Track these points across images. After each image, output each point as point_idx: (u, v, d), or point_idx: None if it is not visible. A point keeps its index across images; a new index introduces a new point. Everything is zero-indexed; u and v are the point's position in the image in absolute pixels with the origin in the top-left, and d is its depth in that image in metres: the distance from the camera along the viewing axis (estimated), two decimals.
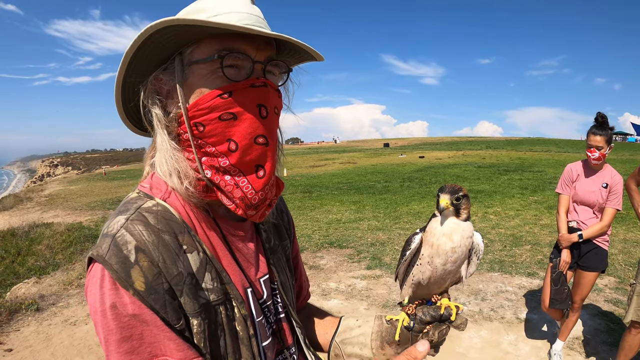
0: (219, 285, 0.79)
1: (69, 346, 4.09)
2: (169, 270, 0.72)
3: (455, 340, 4.00)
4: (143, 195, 0.82)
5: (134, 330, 0.69)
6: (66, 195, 17.88)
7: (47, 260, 7.19)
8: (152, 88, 0.80)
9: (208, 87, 0.77)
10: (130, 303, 0.69)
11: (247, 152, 0.79)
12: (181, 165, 0.79)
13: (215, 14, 0.76)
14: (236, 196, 0.80)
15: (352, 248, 7.15)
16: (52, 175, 66.85)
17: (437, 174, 17.76)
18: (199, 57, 0.77)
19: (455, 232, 0.92)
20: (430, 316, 0.94)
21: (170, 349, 0.71)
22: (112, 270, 0.69)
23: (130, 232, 0.73)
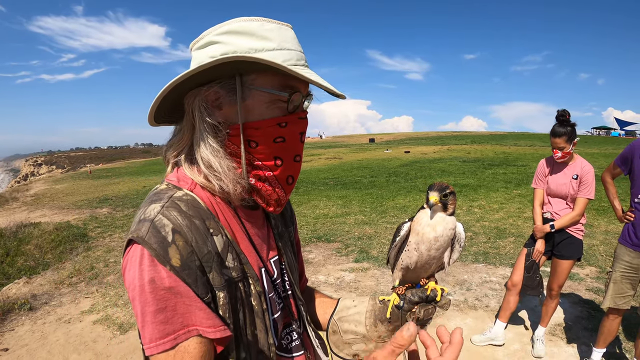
0: (239, 264, 0.92)
1: (65, 344, 4.15)
2: (200, 249, 0.84)
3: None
4: (172, 186, 0.93)
5: (169, 302, 0.79)
6: (52, 195, 17.71)
7: (36, 260, 7.17)
8: (204, 97, 0.92)
9: (269, 114, 0.92)
10: (167, 277, 0.79)
11: (288, 168, 0.97)
12: (236, 175, 0.92)
13: (280, 47, 0.90)
14: (272, 199, 0.97)
15: (340, 242, 7.27)
16: (36, 175, 65.90)
17: (422, 169, 17.95)
18: (264, 85, 0.90)
19: (439, 224, 1.05)
20: (418, 297, 1.07)
21: (200, 318, 0.81)
22: (152, 249, 0.79)
23: (167, 216, 0.84)
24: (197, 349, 0.81)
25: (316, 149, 40.14)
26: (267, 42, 0.89)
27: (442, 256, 1.10)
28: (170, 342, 0.79)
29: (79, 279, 6.06)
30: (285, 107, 0.93)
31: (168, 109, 0.97)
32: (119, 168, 38.69)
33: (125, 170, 33.93)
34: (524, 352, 3.75)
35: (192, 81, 0.90)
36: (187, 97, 0.93)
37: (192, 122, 0.93)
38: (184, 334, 0.80)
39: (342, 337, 1.15)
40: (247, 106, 0.91)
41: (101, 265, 6.61)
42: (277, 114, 0.92)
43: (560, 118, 3.39)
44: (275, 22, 0.92)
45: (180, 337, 0.80)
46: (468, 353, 3.75)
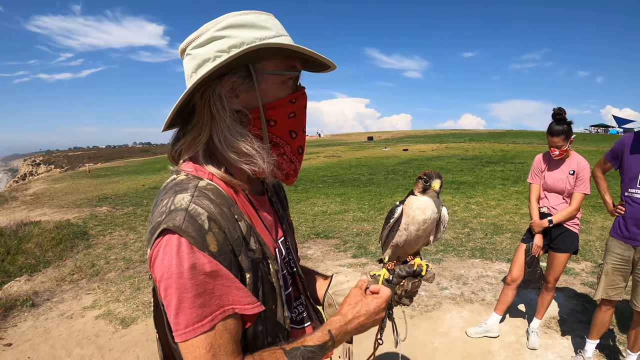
0: (259, 246, 1.00)
1: (68, 338, 4.21)
2: (232, 234, 0.92)
3: (438, 321, 4.23)
4: (192, 177, 0.98)
5: (207, 287, 0.86)
6: (51, 194, 17.75)
7: (37, 258, 7.21)
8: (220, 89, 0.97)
9: (283, 93, 1.02)
10: (207, 262, 0.86)
11: (299, 139, 1.07)
12: (269, 154, 1.01)
13: (279, 34, 0.99)
14: (291, 169, 1.06)
15: (338, 238, 7.33)
16: (34, 174, 65.82)
17: (420, 166, 18.01)
18: (275, 69, 1.00)
19: (428, 207, 1.19)
20: (405, 272, 1.22)
21: (238, 297, 0.90)
22: (190, 237, 0.85)
23: (200, 205, 0.90)
24: (233, 325, 0.90)
25: (315, 147, 40.16)
26: (268, 31, 0.97)
27: (428, 236, 1.25)
28: (209, 324, 0.86)
29: (80, 276, 6.12)
30: (293, 85, 1.04)
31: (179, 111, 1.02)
32: (118, 167, 38.72)
33: (124, 169, 33.95)
34: (519, 344, 3.82)
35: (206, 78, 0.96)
36: (197, 94, 0.98)
37: (209, 116, 0.98)
38: (220, 314, 0.87)
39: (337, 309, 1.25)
40: (262, 90, 0.99)
41: (102, 262, 6.67)
42: (288, 92, 1.03)
43: (556, 116, 3.44)
44: (262, 12, 1.01)
45: (217, 318, 0.87)
46: (463, 345, 3.82)
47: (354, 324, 1.08)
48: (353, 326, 1.08)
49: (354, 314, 1.08)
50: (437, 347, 3.80)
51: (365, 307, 1.09)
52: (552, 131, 3.44)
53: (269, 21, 0.99)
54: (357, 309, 1.09)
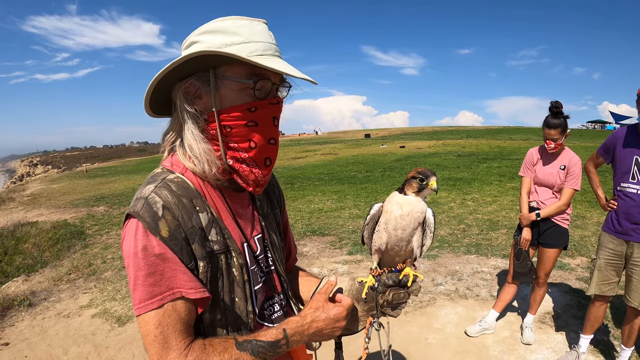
0: (222, 239, 1.05)
1: (65, 337, 4.22)
2: (185, 223, 0.98)
3: (432, 317, 4.25)
4: (166, 170, 1.06)
5: (157, 267, 0.94)
6: (49, 194, 17.71)
7: (34, 258, 7.22)
8: (184, 89, 1.03)
9: (239, 100, 1.02)
10: (157, 245, 0.94)
11: (262, 150, 1.07)
12: (211, 156, 1.03)
13: (247, 40, 0.99)
14: (250, 179, 1.07)
15: (334, 235, 7.34)
16: (32, 175, 65.64)
17: (417, 163, 18.01)
18: (233, 76, 1.01)
19: (406, 204, 1.16)
20: (392, 280, 1.20)
21: (183, 281, 0.96)
22: (145, 222, 0.95)
23: (159, 195, 0.99)
24: (183, 307, 0.96)
25: (312, 145, 40.13)
26: (236, 37, 0.99)
27: (410, 239, 1.19)
28: (157, 302, 0.93)
29: (77, 275, 6.13)
30: (258, 94, 1.02)
31: (165, 102, 1.10)
32: (115, 167, 38.63)
33: (121, 168, 33.88)
34: (513, 340, 3.84)
35: (175, 77, 1.02)
36: (174, 90, 1.05)
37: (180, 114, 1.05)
38: (169, 295, 0.94)
39: None
40: (220, 95, 1.02)
41: (99, 261, 6.68)
42: (246, 100, 1.02)
43: (553, 110, 3.45)
44: (248, 18, 1.03)
45: (166, 298, 0.94)
46: (458, 340, 3.84)
47: (312, 327, 1.08)
48: (311, 330, 1.08)
49: (313, 317, 1.09)
50: (431, 343, 3.82)
51: (325, 313, 1.09)
52: (549, 124, 3.44)
53: (244, 27, 1.01)
54: (317, 313, 1.09)
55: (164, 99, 1.09)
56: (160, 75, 1.00)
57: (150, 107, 1.10)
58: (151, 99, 1.07)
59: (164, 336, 0.93)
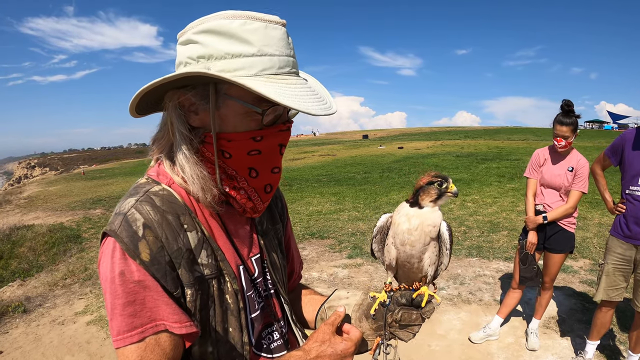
0: (214, 261, 0.91)
1: (59, 345, 4.13)
2: (170, 245, 0.84)
3: (435, 323, 4.17)
4: (151, 181, 0.92)
5: (137, 296, 0.80)
6: (45, 197, 17.60)
7: (30, 262, 7.12)
8: (178, 101, 0.88)
9: (243, 127, 0.87)
10: (136, 271, 0.80)
11: (264, 179, 0.94)
12: (206, 183, 0.89)
13: (261, 53, 0.82)
14: (247, 207, 0.95)
15: (333, 238, 7.26)
16: (29, 177, 65.52)
17: (416, 164, 17.95)
18: (238, 96, 0.84)
19: (416, 216, 1.02)
20: (405, 299, 1.05)
21: (167, 313, 0.82)
22: (123, 243, 0.80)
23: (139, 211, 0.84)
24: (167, 341, 0.83)
25: (310, 146, 40.07)
26: (246, 47, 0.81)
27: (421, 256, 1.06)
28: (138, 335, 0.80)
29: (72, 280, 6.03)
30: (261, 120, 0.87)
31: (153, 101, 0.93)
32: (113, 168, 38.51)
33: (119, 170, 33.77)
34: (518, 346, 3.77)
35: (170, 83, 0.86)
36: (167, 96, 0.90)
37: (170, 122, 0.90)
38: (152, 328, 0.81)
39: None
40: (221, 115, 0.87)
41: (95, 266, 6.57)
42: (252, 127, 0.88)
43: (565, 107, 3.37)
44: (262, 18, 0.83)
45: (147, 331, 0.81)
46: (462, 347, 3.77)
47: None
48: None
49: (318, 352, 0.94)
50: (434, 350, 3.74)
51: (331, 348, 0.95)
52: (561, 121, 3.35)
53: (257, 32, 0.82)
54: (322, 347, 0.95)
55: (151, 98, 0.90)
56: (148, 88, 0.83)
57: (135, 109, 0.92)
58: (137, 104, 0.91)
59: None
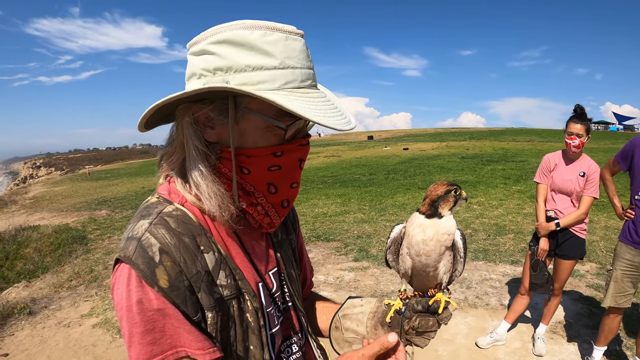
0: (232, 281, 0.88)
1: (65, 348, 4.14)
2: (189, 269, 0.81)
3: (442, 327, 4.11)
4: (163, 200, 0.89)
5: (157, 324, 0.78)
6: (51, 197, 17.70)
7: (36, 263, 7.16)
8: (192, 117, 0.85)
9: (264, 142, 0.85)
10: (155, 299, 0.77)
11: (283, 194, 0.92)
12: (224, 201, 0.86)
13: (283, 66, 0.79)
14: (264, 222, 0.93)
15: (339, 241, 7.25)
16: (35, 177, 65.82)
17: (421, 166, 17.93)
18: (259, 110, 0.82)
19: (430, 226, 1.00)
20: (421, 306, 1.03)
21: (189, 341, 0.80)
22: (139, 270, 0.77)
23: (154, 235, 0.81)
24: None
25: (315, 147, 40.07)
26: (268, 59, 0.78)
27: (436, 265, 1.05)
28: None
29: (78, 282, 6.05)
30: (283, 135, 0.86)
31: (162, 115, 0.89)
32: (118, 169, 38.65)
33: (124, 171, 33.88)
34: (525, 351, 3.75)
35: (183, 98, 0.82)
36: (179, 110, 0.86)
37: (182, 139, 0.87)
38: (172, 355, 0.80)
39: (344, 334, 1.12)
40: (240, 130, 0.85)
41: (100, 267, 6.60)
42: (273, 142, 0.86)
43: (578, 111, 3.34)
44: (282, 29, 0.80)
45: (168, 358, 0.79)
46: (468, 352, 3.74)
47: None
48: None
49: None
50: (441, 355, 3.72)
51: None
52: (575, 120, 3.32)
53: (278, 44, 0.79)
54: None
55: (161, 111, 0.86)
56: (163, 103, 0.80)
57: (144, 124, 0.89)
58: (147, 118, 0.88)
59: None
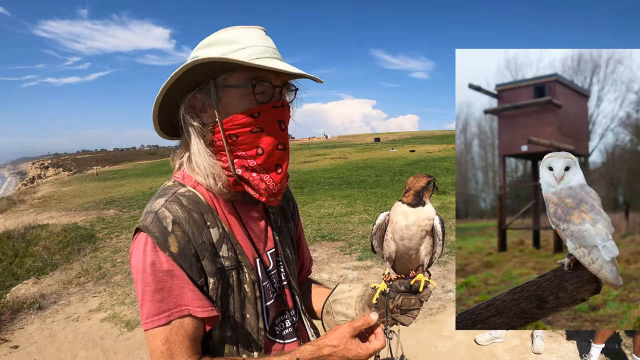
0: (233, 255, 1.02)
1: (74, 341, 4.25)
2: (196, 239, 0.96)
3: (441, 324, 4.21)
4: (177, 183, 1.04)
5: (165, 284, 0.92)
6: (59, 197, 17.88)
7: (44, 261, 7.28)
8: (189, 104, 1.02)
9: (241, 107, 0.99)
10: (166, 262, 0.92)
11: (270, 156, 1.03)
12: (216, 170, 1.01)
13: (244, 46, 0.97)
14: (261, 188, 1.03)
15: (344, 241, 7.32)
16: (43, 177, 66.30)
17: (427, 168, 17.95)
18: (233, 83, 0.99)
19: (412, 213, 1.10)
20: (404, 286, 1.14)
21: (191, 299, 0.94)
22: (154, 237, 0.93)
23: (169, 209, 0.96)
24: (190, 324, 0.94)
25: (321, 149, 40.11)
26: (234, 45, 0.97)
27: (418, 248, 1.14)
28: (165, 319, 0.92)
29: (86, 278, 6.16)
30: (261, 98, 1.00)
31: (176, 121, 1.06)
32: (125, 170, 38.91)
33: (132, 172, 34.11)
34: (523, 348, 3.79)
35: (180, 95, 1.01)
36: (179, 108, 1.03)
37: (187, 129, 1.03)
38: (177, 312, 0.93)
39: (334, 318, 1.23)
40: (224, 105, 1.00)
41: (108, 265, 6.71)
42: (249, 105, 0.99)
43: None
44: (244, 27, 1.01)
45: (173, 315, 0.93)
46: (467, 348, 3.80)
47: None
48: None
49: (330, 352, 0.99)
50: (441, 351, 3.79)
51: (343, 351, 0.99)
52: None
53: (243, 34, 0.99)
54: (336, 349, 0.99)
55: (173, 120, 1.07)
56: (163, 91, 0.99)
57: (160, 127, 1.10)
58: (160, 120, 1.07)
59: (170, 352, 0.92)
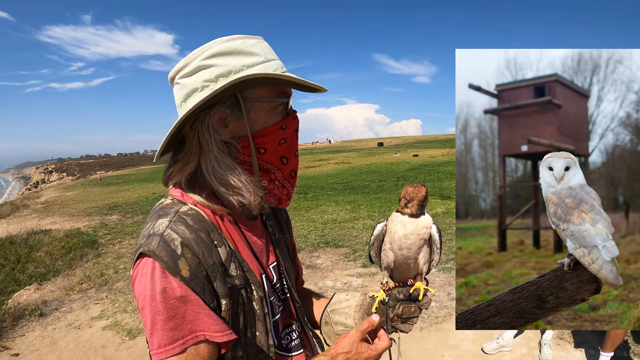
0: (241, 273, 0.98)
1: (75, 349, 4.20)
2: (206, 260, 0.91)
3: (448, 333, 4.15)
4: (177, 201, 0.99)
5: (178, 311, 0.86)
6: (62, 202, 17.90)
7: (47, 266, 7.25)
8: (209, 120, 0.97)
9: (272, 120, 1.00)
10: (178, 287, 0.86)
11: (291, 164, 1.07)
12: (256, 186, 0.99)
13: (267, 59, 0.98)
14: (283, 194, 1.07)
15: (348, 247, 7.27)
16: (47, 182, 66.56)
17: (431, 172, 17.92)
18: (263, 96, 0.99)
19: (410, 222, 1.10)
20: (403, 295, 1.14)
21: (208, 324, 0.89)
22: (163, 262, 0.86)
23: (175, 231, 0.90)
24: (206, 350, 0.89)
25: (325, 153, 40.18)
26: (255, 57, 0.97)
27: (417, 257, 1.15)
28: (180, 347, 0.87)
29: (88, 285, 6.13)
30: (284, 111, 1.02)
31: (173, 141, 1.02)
32: (129, 175, 39.01)
33: (135, 177, 34.18)
34: (531, 357, 3.74)
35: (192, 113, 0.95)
36: (187, 124, 0.98)
37: (198, 146, 0.98)
38: (192, 339, 0.88)
39: (333, 328, 1.23)
40: (251, 118, 0.98)
41: (111, 271, 6.68)
42: (278, 118, 1.01)
43: None
44: (251, 36, 1.00)
45: (188, 342, 0.87)
46: (474, 358, 3.75)
47: None
48: None
49: (343, 359, 1.01)
50: None
51: (356, 355, 1.02)
52: None
53: (256, 46, 0.98)
54: (349, 355, 1.01)
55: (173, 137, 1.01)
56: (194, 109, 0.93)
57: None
58: None
59: None
